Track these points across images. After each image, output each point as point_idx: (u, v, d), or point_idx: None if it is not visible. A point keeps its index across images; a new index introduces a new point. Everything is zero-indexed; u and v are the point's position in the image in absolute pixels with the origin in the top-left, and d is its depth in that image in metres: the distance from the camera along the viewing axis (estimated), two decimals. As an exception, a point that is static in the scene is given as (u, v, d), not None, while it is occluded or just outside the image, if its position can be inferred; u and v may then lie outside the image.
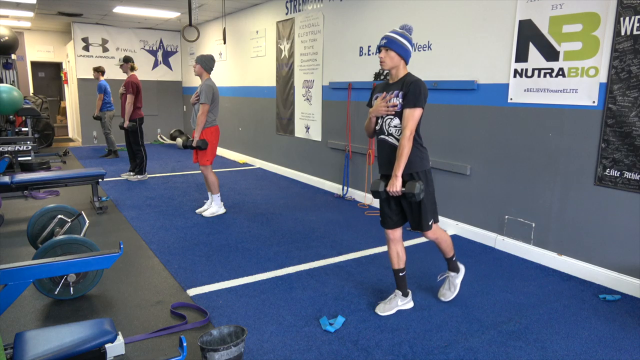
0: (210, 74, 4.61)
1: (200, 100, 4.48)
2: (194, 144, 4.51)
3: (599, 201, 3.19)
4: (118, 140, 8.62)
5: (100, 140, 9.66)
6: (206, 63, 4.57)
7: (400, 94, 2.51)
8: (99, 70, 8.06)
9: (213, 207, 4.73)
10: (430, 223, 2.62)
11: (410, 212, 2.64)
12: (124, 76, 6.51)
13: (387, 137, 2.60)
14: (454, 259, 2.86)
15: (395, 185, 2.48)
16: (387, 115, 2.56)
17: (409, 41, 2.56)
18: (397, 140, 2.53)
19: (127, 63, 6.46)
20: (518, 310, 2.78)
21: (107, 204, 5.01)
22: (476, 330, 2.53)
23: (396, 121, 2.54)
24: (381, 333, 2.48)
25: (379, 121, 2.62)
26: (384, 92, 2.61)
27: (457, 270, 2.89)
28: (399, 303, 2.73)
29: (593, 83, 3.13)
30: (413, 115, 2.46)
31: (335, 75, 5.64)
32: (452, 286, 2.89)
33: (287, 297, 2.90)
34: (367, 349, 2.33)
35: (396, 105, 2.52)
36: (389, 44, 2.53)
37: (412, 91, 2.46)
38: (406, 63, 2.59)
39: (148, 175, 6.67)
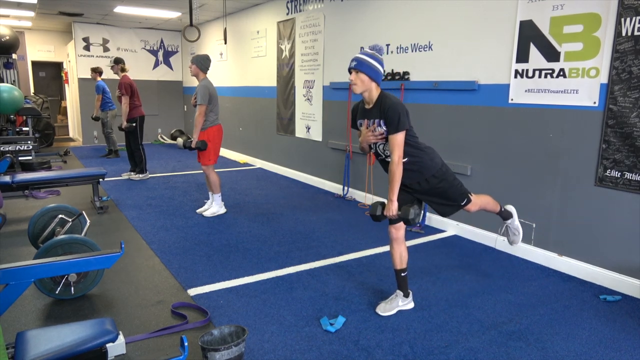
0: (206, 73, 4.60)
1: (197, 101, 4.48)
2: (192, 145, 4.52)
3: (599, 202, 3.19)
4: (119, 140, 8.62)
5: (101, 140, 9.66)
6: (202, 63, 4.56)
7: (382, 122, 2.50)
8: (96, 71, 8.03)
9: (214, 207, 4.73)
10: (462, 203, 2.73)
11: (437, 206, 2.75)
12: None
13: (386, 158, 2.63)
14: (502, 210, 2.99)
15: (392, 210, 2.53)
16: (378, 142, 2.58)
17: (380, 62, 2.51)
18: None
19: (117, 64, 6.44)
20: (518, 310, 2.78)
21: (108, 204, 5.01)
22: (477, 330, 2.54)
23: (388, 145, 2.56)
24: (382, 333, 2.49)
25: (372, 146, 2.65)
26: (366, 120, 2.60)
27: (510, 216, 3.03)
28: (400, 303, 2.73)
29: (594, 84, 3.13)
30: (397, 140, 2.46)
31: (336, 75, 5.64)
32: (515, 230, 3.05)
33: (287, 297, 2.90)
34: (368, 349, 2.33)
35: (382, 133, 2.52)
36: (359, 66, 2.47)
37: (391, 118, 2.43)
38: (378, 84, 2.53)
39: (149, 175, 6.68)
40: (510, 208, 3.06)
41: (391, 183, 2.51)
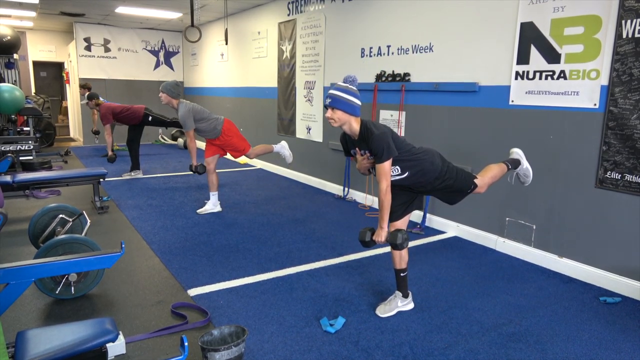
0: (179, 98, 4.67)
1: (184, 128, 4.62)
2: (193, 170, 4.69)
3: (599, 204, 3.19)
4: (120, 139, 8.63)
5: (102, 140, 9.65)
6: (171, 91, 4.61)
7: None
8: (85, 87, 8.05)
9: (209, 204, 4.86)
10: (469, 190, 2.74)
11: (446, 197, 2.79)
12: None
13: None
14: (509, 166, 3.02)
15: (382, 236, 2.52)
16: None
17: (355, 95, 2.50)
18: (397, 175, 2.57)
19: (91, 100, 6.64)
20: (518, 312, 2.78)
21: (108, 204, 5.01)
22: (476, 332, 2.54)
23: None
24: (382, 334, 2.49)
25: (372, 170, 2.66)
26: (358, 149, 2.60)
27: (519, 163, 3.05)
28: (399, 304, 2.73)
29: (594, 86, 3.13)
30: (383, 170, 2.47)
31: (336, 76, 5.64)
32: (525, 173, 3.10)
33: (287, 297, 2.90)
34: (368, 349, 2.34)
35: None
36: (333, 103, 2.47)
37: (376, 150, 2.44)
38: (357, 117, 2.51)
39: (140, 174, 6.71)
40: (516, 155, 3.07)
41: (381, 211, 2.51)
